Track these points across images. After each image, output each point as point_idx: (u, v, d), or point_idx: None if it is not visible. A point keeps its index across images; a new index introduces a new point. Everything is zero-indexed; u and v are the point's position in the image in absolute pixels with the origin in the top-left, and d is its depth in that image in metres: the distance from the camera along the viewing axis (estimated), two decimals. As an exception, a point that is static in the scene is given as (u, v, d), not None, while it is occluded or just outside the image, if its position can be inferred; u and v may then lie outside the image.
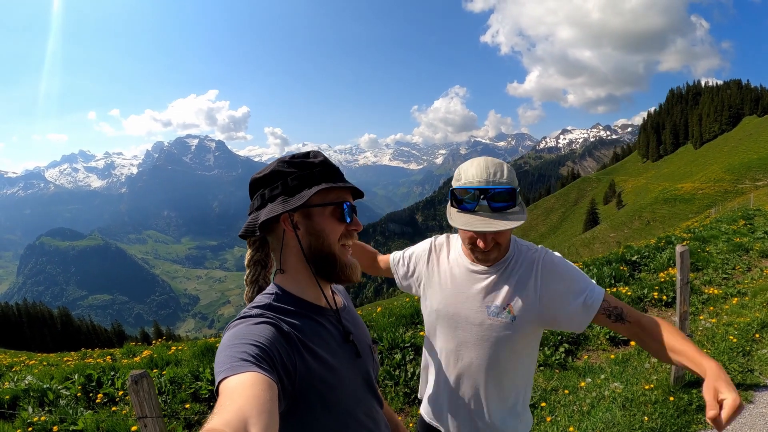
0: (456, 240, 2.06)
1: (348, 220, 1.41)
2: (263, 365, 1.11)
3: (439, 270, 2.02)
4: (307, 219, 1.39)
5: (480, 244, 1.76)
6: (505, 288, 1.84)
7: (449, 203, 1.81)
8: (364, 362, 1.49)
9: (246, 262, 1.53)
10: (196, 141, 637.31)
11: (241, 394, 0.98)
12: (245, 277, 1.54)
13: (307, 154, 1.43)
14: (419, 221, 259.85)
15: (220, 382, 1.06)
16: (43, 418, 5.11)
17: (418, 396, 2.18)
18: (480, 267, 1.89)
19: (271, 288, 1.44)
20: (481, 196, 1.68)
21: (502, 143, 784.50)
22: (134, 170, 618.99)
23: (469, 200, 1.70)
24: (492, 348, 1.87)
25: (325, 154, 1.45)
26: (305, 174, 1.38)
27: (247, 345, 1.15)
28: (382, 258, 2.37)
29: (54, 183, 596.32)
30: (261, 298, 1.39)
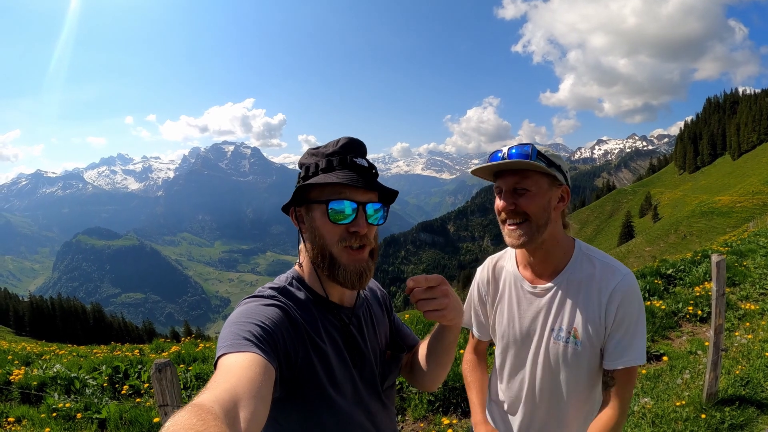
0: (507, 258, 1.97)
1: (344, 221, 1.31)
2: (265, 347, 1.10)
3: (499, 294, 1.95)
4: (307, 214, 1.36)
5: (497, 203, 1.73)
6: (568, 307, 1.75)
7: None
8: (369, 366, 1.47)
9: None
10: (232, 147, 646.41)
11: (237, 374, 0.96)
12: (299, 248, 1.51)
13: (329, 144, 1.40)
14: (451, 231, 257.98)
15: (219, 357, 1.05)
16: (68, 405, 5.21)
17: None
18: (538, 286, 1.82)
19: (290, 273, 1.43)
20: (501, 154, 1.68)
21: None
22: (171, 174, 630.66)
23: (495, 153, 1.72)
24: (556, 373, 1.80)
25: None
26: (311, 166, 1.36)
27: (253, 325, 1.14)
28: (475, 350, 2.19)
29: (92, 184, 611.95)
30: (278, 280, 1.39)
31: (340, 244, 1.32)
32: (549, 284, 1.79)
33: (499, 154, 1.68)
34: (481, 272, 2.03)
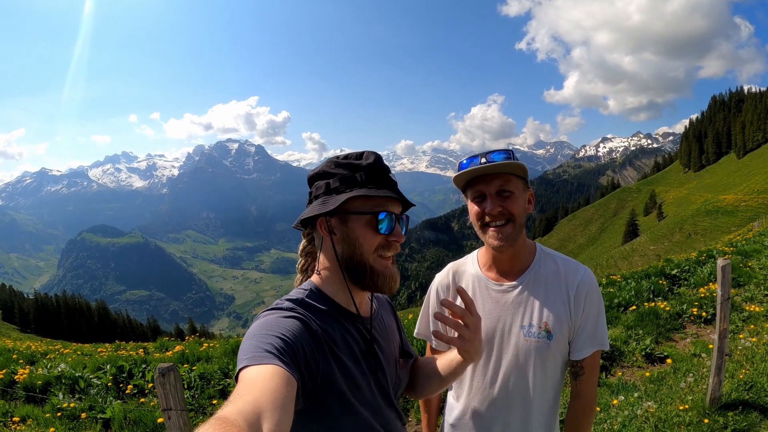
0: (469, 263, 1.97)
1: (386, 232, 1.36)
2: (286, 359, 1.10)
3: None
4: (342, 225, 1.36)
5: (487, 208, 1.72)
6: (537, 303, 1.78)
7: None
8: (385, 376, 1.47)
9: (299, 252, 1.55)
10: (236, 145, 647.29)
11: (259, 386, 0.97)
12: (297, 265, 1.56)
13: (359, 155, 1.40)
14: (455, 229, 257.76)
15: (240, 370, 1.06)
16: (72, 405, 5.23)
17: (444, 421, 2.09)
18: (504, 284, 1.83)
19: (307, 284, 1.42)
20: (482, 160, 1.69)
21: (540, 151, 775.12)
22: (175, 172, 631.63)
23: (469, 159, 1.74)
24: (527, 370, 1.79)
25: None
26: (347, 176, 1.36)
27: (274, 337, 1.15)
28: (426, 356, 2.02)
29: (97, 182, 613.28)
30: (295, 293, 1.39)
31: (375, 252, 1.36)
32: (516, 281, 1.81)
33: (481, 160, 1.69)
34: (441, 277, 2.02)
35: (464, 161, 1.76)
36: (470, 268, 1.94)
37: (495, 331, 1.83)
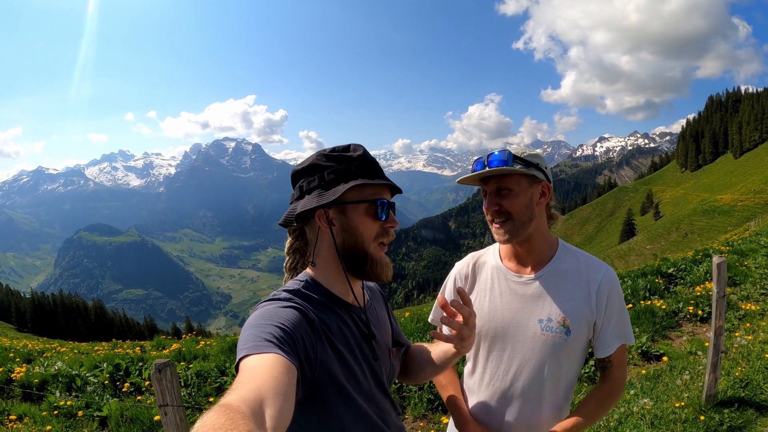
0: (490, 253, 1.97)
1: (383, 218, 1.40)
2: (286, 348, 1.12)
3: (478, 288, 1.92)
4: (341, 215, 1.39)
5: (484, 204, 1.78)
6: (556, 297, 1.76)
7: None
8: (379, 364, 1.49)
9: (286, 250, 1.54)
10: (233, 143, 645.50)
11: (261, 374, 0.98)
12: (284, 264, 1.55)
13: (347, 147, 1.42)
14: (452, 228, 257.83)
15: (240, 360, 1.07)
16: (69, 403, 5.23)
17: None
18: (524, 276, 1.82)
19: (302, 276, 1.44)
20: (485, 163, 1.74)
21: (537, 151, 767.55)
22: (172, 170, 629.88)
23: (478, 162, 1.78)
24: (542, 365, 1.77)
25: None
26: (342, 168, 1.38)
27: (273, 326, 1.16)
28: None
29: (94, 180, 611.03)
30: (292, 284, 1.40)
31: (375, 240, 1.40)
32: (536, 274, 1.80)
33: (482, 162, 1.74)
34: (460, 266, 2.01)
35: (475, 165, 1.79)
36: (491, 259, 1.94)
37: (511, 322, 1.81)
